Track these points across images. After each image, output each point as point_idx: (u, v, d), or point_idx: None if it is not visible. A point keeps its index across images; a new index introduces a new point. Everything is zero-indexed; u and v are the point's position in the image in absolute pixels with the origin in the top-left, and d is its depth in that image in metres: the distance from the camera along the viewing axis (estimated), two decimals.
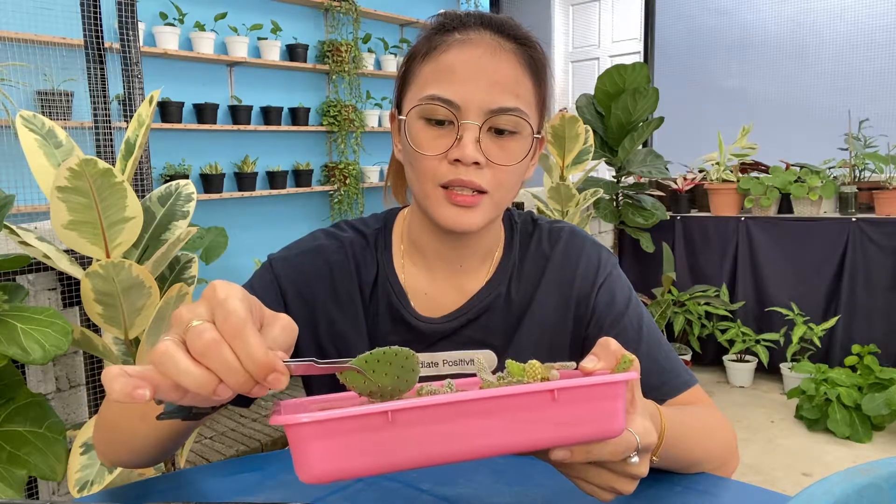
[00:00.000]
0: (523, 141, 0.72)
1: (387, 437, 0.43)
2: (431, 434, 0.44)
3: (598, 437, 0.48)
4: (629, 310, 0.80)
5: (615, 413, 0.47)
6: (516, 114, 0.70)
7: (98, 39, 1.70)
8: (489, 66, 0.70)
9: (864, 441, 2.70)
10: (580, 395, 0.46)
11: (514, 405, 0.45)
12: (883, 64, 4.04)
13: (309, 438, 0.42)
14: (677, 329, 3.41)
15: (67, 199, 1.28)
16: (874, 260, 3.10)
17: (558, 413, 0.46)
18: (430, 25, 0.75)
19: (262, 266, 0.82)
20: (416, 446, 0.44)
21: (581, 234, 0.85)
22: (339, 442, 0.42)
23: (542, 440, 0.47)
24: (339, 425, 0.42)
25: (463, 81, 0.69)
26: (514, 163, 0.72)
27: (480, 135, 0.70)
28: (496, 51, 0.71)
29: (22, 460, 1.34)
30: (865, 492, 0.38)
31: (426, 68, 0.72)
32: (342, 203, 4.25)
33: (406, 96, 0.75)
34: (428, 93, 0.70)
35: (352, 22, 4.23)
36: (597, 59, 5.58)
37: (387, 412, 0.42)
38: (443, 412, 0.44)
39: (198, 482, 0.71)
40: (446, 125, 0.70)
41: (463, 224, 0.72)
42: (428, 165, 0.71)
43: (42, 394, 1.49)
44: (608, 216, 3.55)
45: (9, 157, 2.60)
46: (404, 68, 0.76)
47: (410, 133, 0.72)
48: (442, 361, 0.79)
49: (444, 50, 0.71)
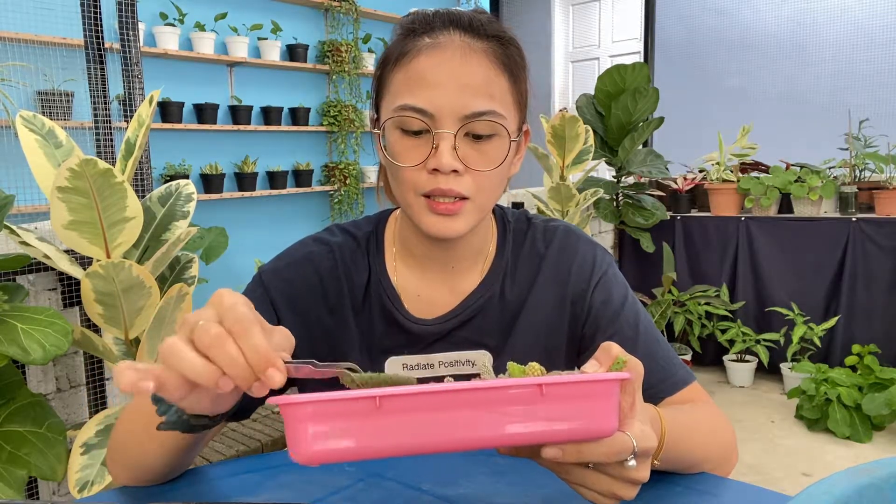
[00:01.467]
0: (502, 142, 0.71)
1: (375, 423, 0.45)
2: (419, 422, 0.45)
3: (588, 436, 0.48)
4: (625, 308, 0.80)
5: (606, 412, 0.47)
6: (491, 117, 0.69)
7: (98, 39, 1.70)
8: (459, 70, 0.68)
9: (865, 441, 2.70)
10: (569, 392, 0.46)
11: (502, 398, 0.46)
12: (883, 64, 4.04)
13: (301, 419, 0.44)
14: (677, 329, 3.41)
15: (67, 200, 1.28)
16: (874, 260, 3.10)
17: (546, 408, 0.46)
18: (401, 27, 0.73)
19: (253, 280, 0.82)
20: (403, 433, 0.45)
21: (576, 232, 0.84)
22: (330, 424, 0.45)
23: (529, 435, 0.47)
24: (330, 407, 0.44)
25: (434, 88, 0.68)
26: (493, 167, 0.71)
27: (456, 142, 0.69)
28: (465, 52, 0.69)
29: (22, 460, 1.34)
30: (865, 492, 0.38)
31: (398, 76, 0.71)
32: (342, 203, 4.25)
33: (381, 104, 0.74)
34: (400, 102, 0.69)
35: (352, 22, 4.23)
36: (597, 59, 5.58)
37: (375, 398, 0.44)
38: (431, 401, 0.45)
39: (198, 482, 0.71)
40: (422, 134, 0.69)
41: (447, 231, 0.71)
42: (407, 176, 0.70)
43: (42, 394, 1.49)
44: (608, 216, 3.55)
45: (9, 157, 2.60)
46: (378, 73, 0.75)
47: (388, 144, 0.71)
48: (437, 363, 0.78)
49: (414, 56, 0.70)
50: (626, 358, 0.51)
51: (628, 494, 0.52)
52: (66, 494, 1.70)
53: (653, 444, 0.52)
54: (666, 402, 0.76)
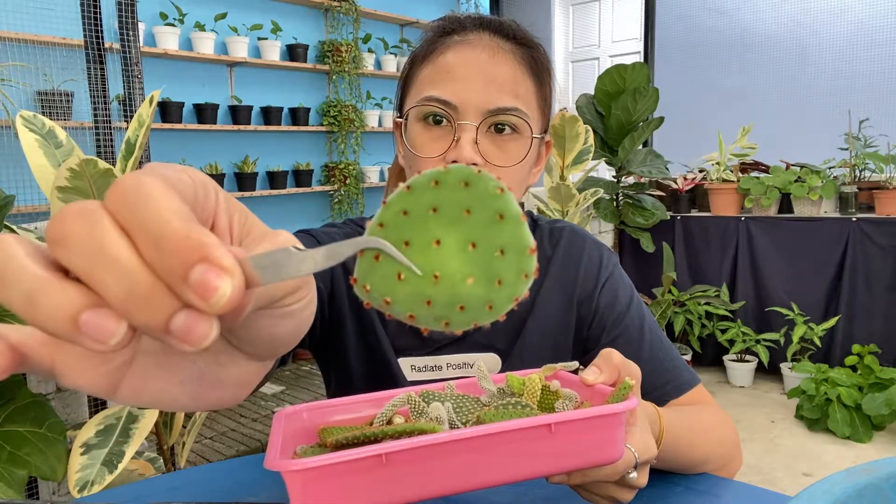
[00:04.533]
0: (523, 141, 0.72)
1: (382, 477, 0.43)
2: (427, 472, 0.44)
3: (596, 465, 0.48)
4: (631, 309, 0.80)
5: (614, 442, 0.47)
6: (515, 113, 0.70)
7: (98, 39, 1.70)
8: (487, 66, 0.69)
9: (865, 441, 2.70)
10: (578, 427, 0.46)
11: (511, 439, 0.45)
12: (883, 64, 4.04)
13: (304, 483, 0.41)
14: (677, 329, 3.41)
15: (68, 200, 1.28)
16: (874, 260, 3.10)
17: (556, 445, 0.45)
18: (431, 29, 0.75)
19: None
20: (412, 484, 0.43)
21: (582, 233, 0.85)
22: (335, 484, 0.42)
23: (539, 471, 0.46)
24: (334, 469, 0.42)
25: (460, 81, 0.69)
26: (513, 163, 0.71)
27: (478, 136, 0.69)
28: (495, 51, 0.70)
29: (22, 460, 1.34)
30: (865, 492, 0.38)
31: (425, 70, 0.72)
32: (342, 203, 4.25)
33: (406, 99, 0.74)
34: (425, 94, 0.70)
35: (352, 22, 4.23)
36: (597, 59, 5.58)
37: (381, 455, 0.42)
38: (438, 451, 0.43)
39: (198, 482, 0.71)
40: (444, 126, 0.70)
41: None
42: (426, 167, 0.70)
43: (42, 394, 1.49)
44: (608, 216, 3.55)
45: (9, 157, 2.60)
46: (405, 72, 0.76)
47: (409, 135, 0.71)
48: (445, 364, 0.78)
49: (443, 51, 0.71)
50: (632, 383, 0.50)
51: (626, 498, 0.53)
52: (66, 494, 1.70)
53: (653, 454, 0.52)
54: (671, 404, 0.76)
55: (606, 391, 0.52)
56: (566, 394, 0.53)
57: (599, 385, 0.53)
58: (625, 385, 0.50)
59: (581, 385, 0.54)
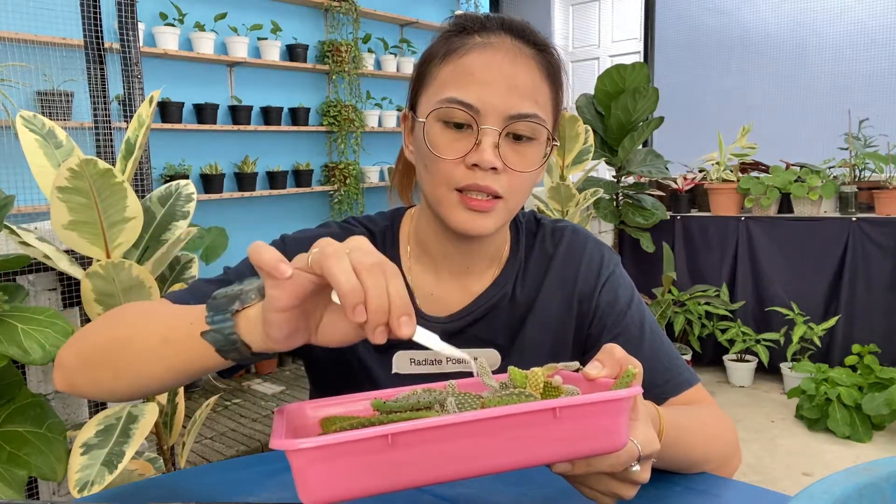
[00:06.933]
0: (540, 147, 0.73)
1: (387, 459, 0.43)
2: (432, 455, 0.44)
3: (600, 452, 0.48)
4: (631, 308, 0.80)
5: (618, 428, 0.47)
6: (535, 120, 0.70)
7: (98, 40, 1.70)
8: (509, 71, 0.69)
9: (865, 441, 2.70)
10: (582, 413, 0.46)
11: (516, 424, 0.45)
12: (883, 64, 4.04)
13: (309, 463, 0.42)
14: (677, 329, 3.41)
15: (67, 200, 1.28)
16: (874, 260, 3.10)
17: (560, 430, 0.46)
18: (448, 27, 0.74)
19: (274, 241, 0.82)
20: (416, 467, 0.43)
21: (583, 232, 0.85)
22: (340, 465, 0.42)
23: (544, 457, 0.46)
24: (340, 449, 0.42)
25: (483, 85, 0.69)
26: (531, 169, 0.72)
27: (499, 140, 0.69)
28: (516, 56, 0.70)
29: (22, 460, 1.34)
30: (865, 491, 0.38)
31: (445, 70, 0.71)
32: (342, 203, 4.25)
33: (422, 97, 0.74)
34: (447, 95, 0.69)
35: (352, 22, 4.23)
36: (597, 59, 5.58)
37: (387, 435, 0.42)
38: (443, 433, 0.43)
39: (198, 482, 0.71)
40: (465, 129, 0.70)
41: (476, 228, 0.71)
42: (444, 168, 0.70)
43: (42, 394, 1.49)
44: (608, 216, 3.55)
45: (9, 157, 2.60)
46: (421, 69, 0.75)
47: (428, 135, 0.71)
48: (446, 359, 0.78)
49: (464, 53, 0.70)
50: (635, 371, 0.51)
51: (628, 494, 0.53)
52: (66, 494, 1.70)
53: (656, 448, 0.52)
54: (669, 402, 0.76)
55: (609, 386, 0.52)
56: (568, 389, 0.53)
57: (602, 380, 0.53)
58: (628, 373, 0.51)
59: (583, 382, 0.54)
